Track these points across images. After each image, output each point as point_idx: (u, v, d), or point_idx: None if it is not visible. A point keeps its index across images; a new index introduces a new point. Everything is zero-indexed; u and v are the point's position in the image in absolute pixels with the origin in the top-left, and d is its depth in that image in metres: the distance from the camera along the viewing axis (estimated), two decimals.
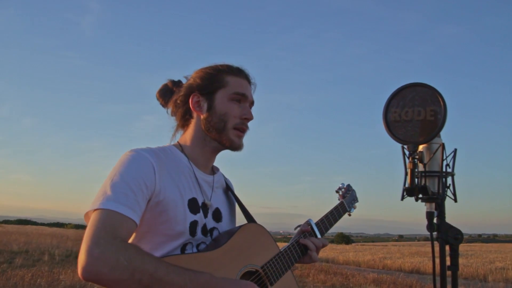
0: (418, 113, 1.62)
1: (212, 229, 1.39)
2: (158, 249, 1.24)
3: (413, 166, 1.59)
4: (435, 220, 1.65)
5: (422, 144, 1.66)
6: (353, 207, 1.91)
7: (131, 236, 1.21)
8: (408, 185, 1.59)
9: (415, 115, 1.63)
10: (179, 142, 1.44)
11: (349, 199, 1.90)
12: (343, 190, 1.92)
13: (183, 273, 1.09)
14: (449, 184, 1.68)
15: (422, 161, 1.64)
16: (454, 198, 1.68)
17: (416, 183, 1.61)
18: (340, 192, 1.92)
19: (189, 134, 1.43)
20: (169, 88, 1.48)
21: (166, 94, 1.48)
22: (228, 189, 1.56)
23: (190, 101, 1.41)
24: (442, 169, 1.65)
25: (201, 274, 1.12)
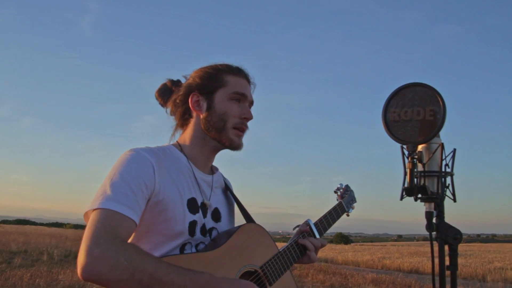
0: (418, 113, 1.62)
1: (211, 229, 1.39)
2: (157, 249, 1.24)
3: (412, 166, 1.59)
4: (434, 220, 1.65)
5: (421, 144, 1.66)
6: (352, 208, 1.91)
7: (131, 236, 1.21)
8: (407, 185, 1.59)
9: (415, 115, 1.63)
10: (178, 142, 1.44)
11: (348, 200, 1.90)
12: (342, 191, 1.92)
13: (183, 273, 1.09)
14: (448, 184, 1.68)
15: (421, 161, 1.64)
16: (453, 198, 1.68)
17: (415, 183, 1.61)
18: (339, 193, 1.92)
19: (188, 134, 1.43)
20: (168, 88, 1.48)
21: (165, 94, 1.47)
22: (227, 189, 1.56)
23: (190, 101, 1.41)
24: (441, 169, 1.65)
25: (201, 274, 1.12)
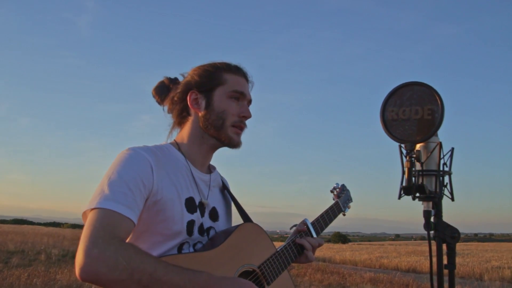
0: (416, 112, 1.63)
1: (209, 229, 1.38)
2: (155, 249, 1.23)
3: (411, 165, 1.60)
4: (432, 219, 1.65)
5: (420, 143, 1.66)
6: (348, 207, 1.91)
7: (129, 236, 1.20)
8: (406, 184, 1.59)
9: (413, 114, 1.63)
10: (176, 140, 1.43)
11: (344, 199, 1.90)
12: (338, 190, 1.93)
13: (182, 273, 1.08)
14: (446, 183, 1.69)
15: (420, 160, 1.64)
16: (451, 197, 1.68)
17: (414, 182, 1.61)
18: (335, 192, 1.92)
19: (186, 132, 1.42)
20: (166, 85, 1.47)
21: (163, 91, 1.46)
22: (225, 188, 1.55)
23: (188, 98, 1.40)
24: (440, 168, 1.66)
25: (200, 274, 1.12)
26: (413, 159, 1.61)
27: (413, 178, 1.61)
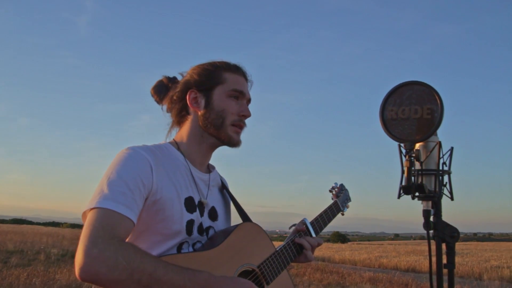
0: (415, 111, 1.62)
1: (208, 228, 1.38)
2: (155, 248, 1.23)
3: (410, 164, 1.59)
4: (432, 218, 1.65)
5: (419, 142, 1.66)
6: (346, 207, 1.91)
7: (129, 235, 1.20)
8: (405, 183, 1.59)
9: (412, 113, 1.63)
10: (175, 140, 1.43)
11: (343, 199, 1.90)
12: (336, 190, 1.93)
13: (182, 272, 1.08)
14: (446, 182, 1.69)
15: (419, 159, 1.64)
16: (451, 196, 1.68)
17: (413, 181, 1.61)
18: (334, 192, 1.92)
19: (186, 131, 1.42)
20: (164, 85, 1.47)
21: (161, 91, 1.46)
22: (224, 188, 1.55)
23: (187, 97, 1.40)
24: (439, 167, 1.66)
25: (200, 273, 1.12)
26: (413, 159, 1.61)
27: (413, 178, 1.61)
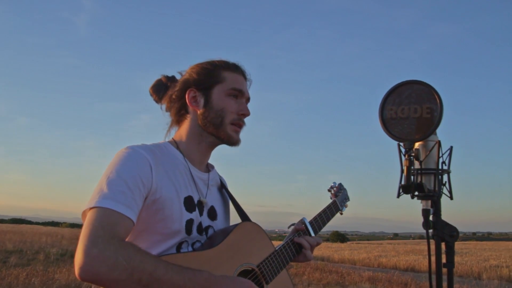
0: (414, 111, 1.63)
1: (207, 228, 1.38)
2: (154, 248, 1.23)
3: (409, 164, 1.59)
4: (431, 218, 1.65)
5: (418, 142, 1.66)
6: (345, 206, 1.91)
7: (128, 235, 1.20)
8: (405, 183, 1.59)
9: (411, 113, 1.63)
10: (174, 139, 1.43)
11: (341, 198, 1.90)
12: (335, 189, 1.92)
13: (182, 272, 1.08)
14: (445, 182, 1.69)
15: (418, 159, 1.64)
16: (450, 196, 1.68)
17: (412, 181, 1.61)
18: (332, 191, 1.92)
19: (185, 130, 1.42)
20: (163, 84, 1.47)
21: (160, 90, 1.46)
22: (223, 187, 1.55)
23: (187, 96, 1.40)
24: (438, 167, 1.66)
25: (200, 273, 1.11)
26: (412, 158, 1.61)
27: (412, 177, 1.61)
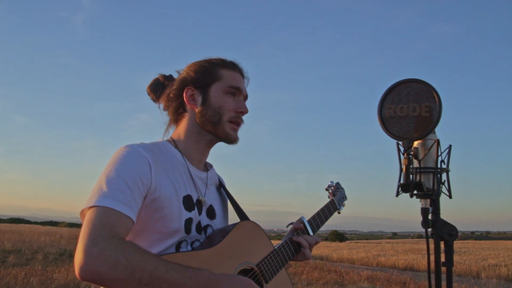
0: (413, 109, 1.62)
1: (206, 227, 1.38)
2: (153, 247, 1.22)
3: (408, 162, 1.59)
4: (430, 217, 1.65)
5: (417, 140, 1.66)
6: (343, 205, 1.92)
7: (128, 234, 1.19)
8: (403, 181, 1.59)
9: (410, 111, 1.63)
10: (172, 138, 1.42)
11: (339, 197, 1.90)
12: (333, 188, 1.92)
13: (183, 271, 1.08)
14: (444, 180, 1.69)
15: (417, 157, 1.64)
16: (449, 194, 1.68)
17: (411, 179, 1.61)
18: (330, 190, 1.92)
19: (183, 128, 1.41)
20: (161, 83, 1.46)
21: (158, 89, 1.45)
22: (221, 186, 1.54)
23: (184, 95, 1.40)
24: (437, 165, 1.65)
25: (200, 271, 1.11)
26: (411, 157, 1.61)
27: (411, 176, 1.61)
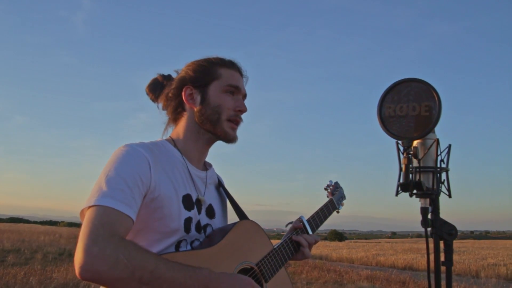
0: (413, 109, 1.62)
1: (206, 226, 1.38)
2: (153, 246, 1.22)
3: (408, 162, 1.59)
4: (430, 216, 1.65)
5: (417, 140, 1.66)
6: (341, 205, 1.92)
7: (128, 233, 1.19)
8: (403, 181, 1.59)
9: (410, 111, 1.63)
10: (172, 137, 1.42)
11: (338, 196, 1.90)
12: (332, 188, 1.93)
13: (183, 269, 1.08)
14: (444, 180, 1.69)
15: (417, 157, 1.64)
16: (449, 194, 1.68)
17: (411, 179, 1.61)
18: (329, 190, 1.92)
19: (182, 127, 1.41)
20: (159, 82, 1.46)
21: (156, 88, 1.45)
22: (220, 185, 1.54)
23: (183, 94, 1.39)
24: (437, 165, 1.66)
25: (201, 270, 1.11)
26: (411, 156, 1.61)
27: (411, 175, 1.61)
